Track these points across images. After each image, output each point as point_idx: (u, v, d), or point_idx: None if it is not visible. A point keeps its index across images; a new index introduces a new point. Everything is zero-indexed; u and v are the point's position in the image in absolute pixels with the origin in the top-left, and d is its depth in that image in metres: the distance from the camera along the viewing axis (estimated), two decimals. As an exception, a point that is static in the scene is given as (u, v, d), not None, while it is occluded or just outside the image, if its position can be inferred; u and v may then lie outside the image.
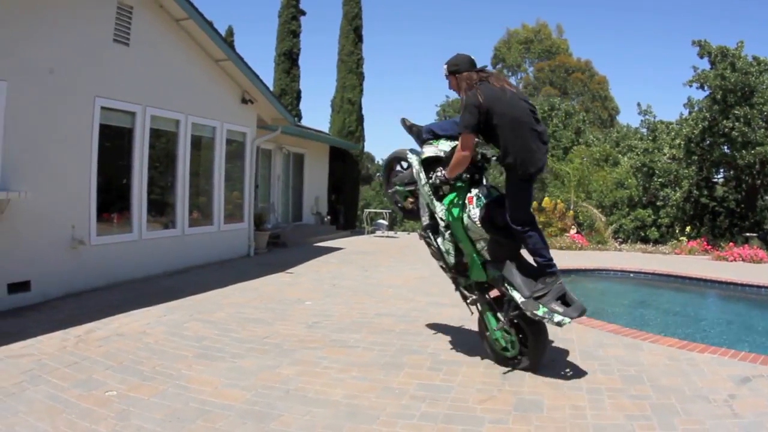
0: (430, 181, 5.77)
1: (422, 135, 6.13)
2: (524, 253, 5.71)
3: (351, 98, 24.32)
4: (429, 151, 5.92)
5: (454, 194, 5.74)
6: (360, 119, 24.75)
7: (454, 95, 42.26)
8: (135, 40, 10.33)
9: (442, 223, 5.82)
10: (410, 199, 6.44)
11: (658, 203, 25.01)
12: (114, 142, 10.44)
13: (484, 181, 5.90)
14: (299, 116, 23.95)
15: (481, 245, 5.66)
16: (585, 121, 34.45)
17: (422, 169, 5.87)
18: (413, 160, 6.03)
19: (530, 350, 5.68)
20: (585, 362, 5.96)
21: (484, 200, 5.59)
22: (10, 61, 7.95)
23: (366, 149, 28.34)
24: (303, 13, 25.79)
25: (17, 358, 5.90)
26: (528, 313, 5.37)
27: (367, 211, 24.67)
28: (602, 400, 4.93)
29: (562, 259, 14.77)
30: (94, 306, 8.33)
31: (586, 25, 76.17)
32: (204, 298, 9.16)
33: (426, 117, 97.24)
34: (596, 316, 8.23)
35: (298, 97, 25.32)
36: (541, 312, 5.27)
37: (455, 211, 5.69)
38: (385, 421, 4.56)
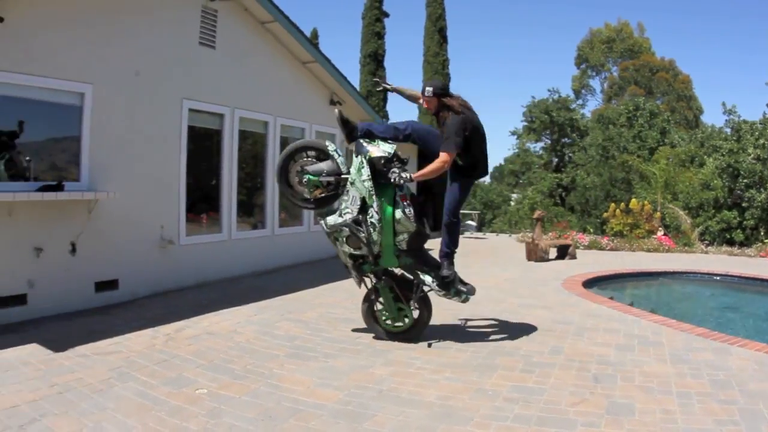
0: (397, 174, 6.15)
1: (355, 132, 6.50)
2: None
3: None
4: (376, 151, 6.29)
5: (390, 191, 6.28)
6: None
7: (539, 96, 41.46)
8: (221, 43, 10.36)
9: (376, 217, 6.22)
10: (320, 190, 6.61)
11: (744, 204, 23.97)
12: (203, 144, 10.50)
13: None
14: (386, 117, 23.81)
15: (401, 237, 6.35)
16: (670, 121, 33.32)
17: (367, 166, 6.22)
18: (343, 159, 6.55)
19: (420, 322, 6.72)
20: (675, 366, 5.83)
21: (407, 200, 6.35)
22: (96, 64, 8.04)
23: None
24: (387, 15, 25.73)
25: (105, 356, 5.89)
26: (440, 294, 6.52)
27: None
28: (692, 405, 4.80)
29: (650, 262, 14.50)
30: (183, 305, 8.35)
31: (667, 24, 73.83)
32: (294, 298, 9.06)
33: (511, 119, 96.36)
34: (685, 319, 8.17)
35: (385, 99, 25.27)
36: (452, 292, 6.51)
37: (388, 207, 6.26)
38: (479, 423, 4.45)
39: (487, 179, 34.13)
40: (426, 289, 6.58)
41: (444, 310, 8.23)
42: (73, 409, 4.52)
